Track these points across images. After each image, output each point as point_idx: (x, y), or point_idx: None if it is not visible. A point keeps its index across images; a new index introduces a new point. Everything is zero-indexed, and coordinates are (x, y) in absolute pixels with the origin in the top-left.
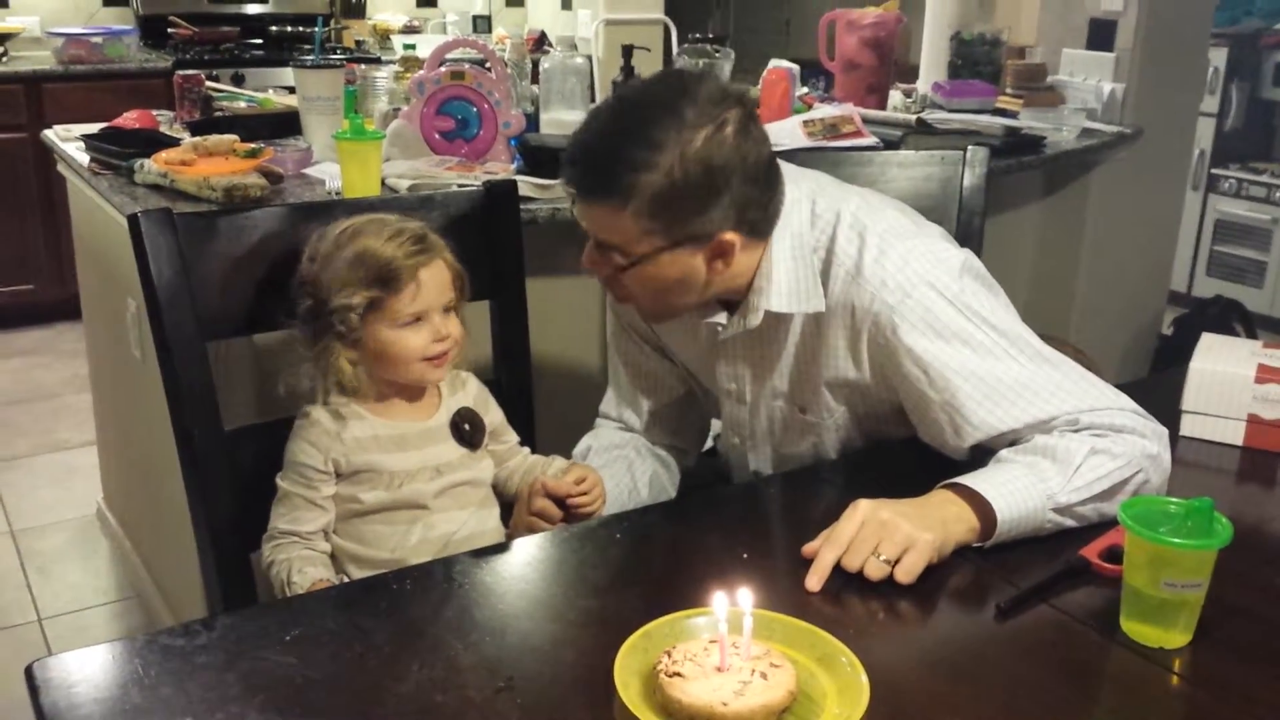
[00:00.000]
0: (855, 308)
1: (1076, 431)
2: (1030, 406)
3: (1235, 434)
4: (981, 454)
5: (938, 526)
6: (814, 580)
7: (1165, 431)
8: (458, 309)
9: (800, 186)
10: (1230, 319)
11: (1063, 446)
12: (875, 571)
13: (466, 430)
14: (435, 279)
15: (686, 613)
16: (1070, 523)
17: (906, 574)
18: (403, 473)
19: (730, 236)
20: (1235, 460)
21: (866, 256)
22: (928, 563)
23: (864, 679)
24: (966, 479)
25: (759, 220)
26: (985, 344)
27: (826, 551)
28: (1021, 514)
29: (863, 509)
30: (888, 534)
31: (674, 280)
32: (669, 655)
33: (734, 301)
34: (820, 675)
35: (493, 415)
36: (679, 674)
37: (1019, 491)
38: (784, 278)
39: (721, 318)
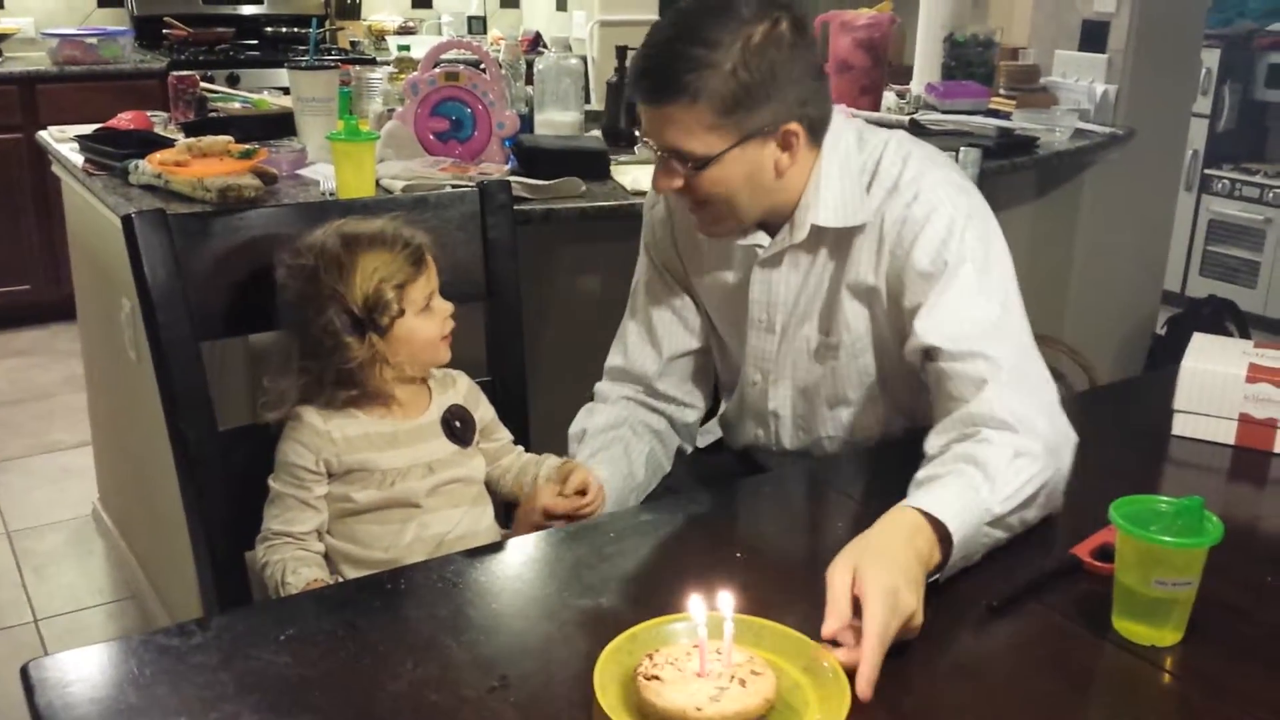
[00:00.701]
0: (886, 218)
1: (980, 389)
2: (962, 328)
3: (1227, 433)
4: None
5: (920, 586)
6: (869, 689)
7: (1074, 437)
8: None
9: (845, 121)
10: (1223, 319)
11: (982, 453)
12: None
13: (457, 427)
14: (429, 262)
15: (672, 617)
16: (1000, 534)
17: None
18: (394, 470)
19: (794, 126)
20: (1227, 459)
21: (906, 175)
22: None
23: (846, 686)
24: (918, 504)
25: (816, 118)
26: (975, 282)
27: (878, 656)
28: (969, 531)
29: (901, 607)
30: (907, 621)
31: (744, 178)
32: (650, 659)
33: (775, 225)
34: (805, 684)
35: (483, 412)
36: (657, 677)
37: (965, 510)
38: (832, 194)
39: (761, 238)
